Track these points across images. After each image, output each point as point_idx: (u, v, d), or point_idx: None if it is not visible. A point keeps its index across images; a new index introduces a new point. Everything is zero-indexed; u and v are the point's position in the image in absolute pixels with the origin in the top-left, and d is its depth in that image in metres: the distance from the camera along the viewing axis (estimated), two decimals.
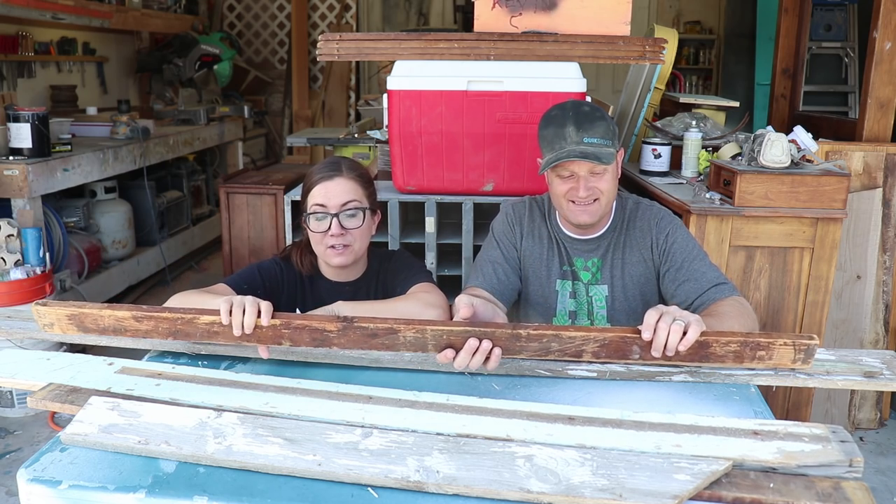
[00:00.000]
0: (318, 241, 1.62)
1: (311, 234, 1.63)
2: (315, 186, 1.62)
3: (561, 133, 1.61)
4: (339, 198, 1.61)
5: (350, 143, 4.08)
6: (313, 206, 1.61)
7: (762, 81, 5.72)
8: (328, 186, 1.61)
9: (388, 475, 0.98)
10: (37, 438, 2.81)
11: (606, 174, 1.63)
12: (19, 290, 2.92)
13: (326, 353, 1.39)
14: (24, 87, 4.76)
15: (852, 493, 0.96)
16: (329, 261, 1.64)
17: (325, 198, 1.60)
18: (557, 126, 1.62)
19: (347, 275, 1.70)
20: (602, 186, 1.63)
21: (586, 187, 1.62)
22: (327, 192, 1.61)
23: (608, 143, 1.60)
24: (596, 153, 1.57)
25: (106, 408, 1.13)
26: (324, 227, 1.60)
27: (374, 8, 7.41)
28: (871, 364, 1.35)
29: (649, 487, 0.94)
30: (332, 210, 1.60)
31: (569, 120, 1.61)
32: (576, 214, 1.66)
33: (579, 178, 1.62)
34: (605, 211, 1.68)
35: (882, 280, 2.80)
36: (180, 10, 6.56)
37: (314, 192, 1.62)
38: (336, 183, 1.61)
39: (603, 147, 1.59)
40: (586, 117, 1.61)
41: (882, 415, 2.94)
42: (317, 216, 1.61)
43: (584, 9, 2.30)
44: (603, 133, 1.60)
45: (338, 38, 2.28)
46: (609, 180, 1.64)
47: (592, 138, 1.58)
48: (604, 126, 1.60)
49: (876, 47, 2.68)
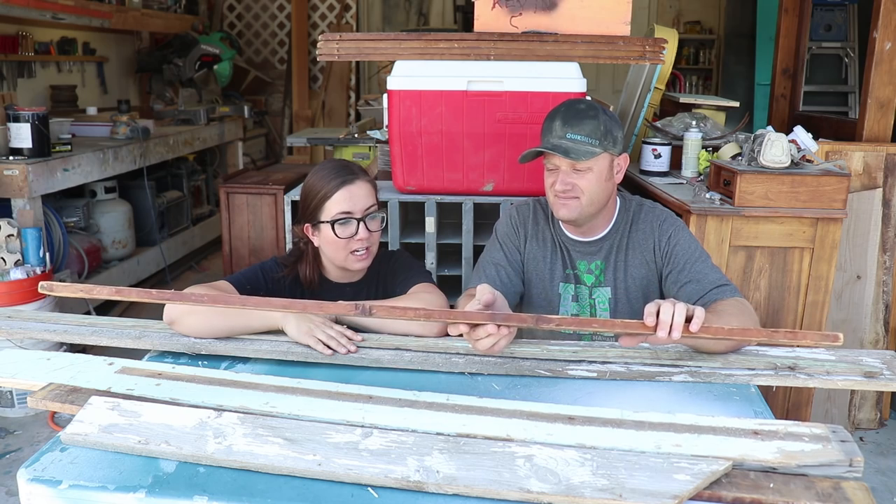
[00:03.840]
0: (343, 246, 1.60)
1: (332, 239, 1.60)
2: (336, 192, 1.59)
3: (549, 126, 1.65)
4: (362, 202, 1.60)
5: (350, 143, 4.08)
6: (338, 213, 1.58)
7: (762, 81, 5.71)
8: (352, 191, 1.59)
9: (388, 475, 0.98)
10: (37, 438, 2.81)
11: (589, 173, 1.62)
12: (19, 290, 2.92)
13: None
14: (24, 87, 4.76)
15: (852, 493, 0.96)
16: (351, 266, 1.63)
17: (351, 203, 1.59)
18: (550, 120, 1.66)
19: (350, 276, 1.70)
20: (582, 185, 1.63)
21: (564, 181, 1.63)
22: (352, 196, 1.59)
23: (592, 143, 1.60)
24: (570, 148, 1.59)
25: (106, 408, 1.13)
26: (350, 233, 1.58)
27: (374, 8, 7.41)
28: (871, 364, 1.35)
29: (649, 487, 0.94)
30: (357, 215, 1.59)
31: (559, 114, 1.64)
32: (555, 207, 1.68)
33: (559, 172, 1.63)
34: (589, 211, 1.67)
35: (882, 280, 2.80)
36: (180, 10, 6.55)
37: (336, 198, 1.59)
38: (358, 187, 1.60)
39: (583, 144, 1.60)
40: (576, 114, 1.62)
41: (882, 415, 2.94)
42: (342, 222, 1.58)
43: (584, 9, 2.29)
44: (589, 132, 1.60)
45: (338, 38, 2.28)
46: (592, 180, 1.63)
47: (576, 135, 1.60)
48: (592, 125, 1.60)
49: (876, 47, 2.68)
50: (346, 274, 1.69)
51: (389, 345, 1.45)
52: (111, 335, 1.48)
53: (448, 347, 1.44)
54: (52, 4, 4.43)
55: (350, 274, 1.69)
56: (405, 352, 1.42)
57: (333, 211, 1.59)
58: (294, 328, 1.43)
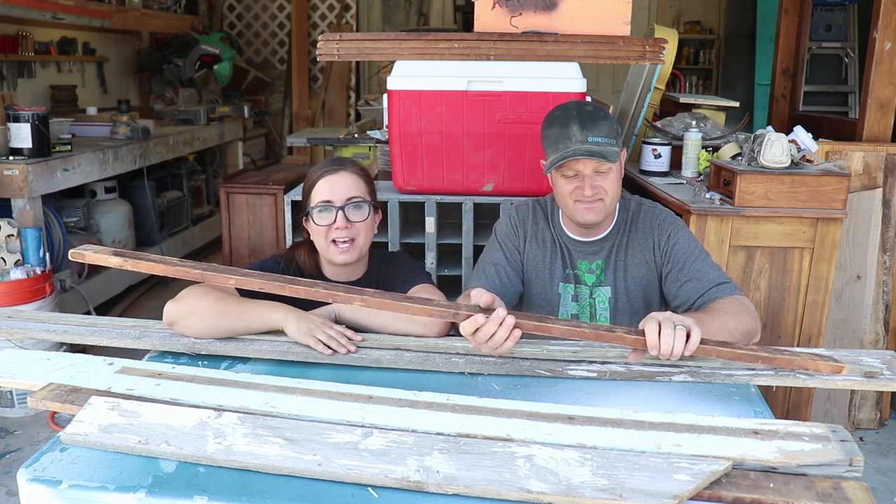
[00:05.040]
0: (323, 235, 1.61)
1: (315, 228, 1.62)
2: (319, 182, 1.62)
3: (566, 133, 1.61)
4: (343, 192, 1.61)
5: (350, 143, 4.08)
6: (318, 202, 1.61)
7: (762, 81, 5.72)
8: (333, 180, 1.62)
9: (388, 475, 0.98)
10: (37, 438, 2.81)
11: (611, 173, 1.63)
12: (19, 290, 2.92)
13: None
14: (24, 87, 4.76)
15: (852, 493, 0.96)
16: (333, 258, 1.63)
17: (330, 192, 1.61)
18: (562, 126, 1.62)
19: (349, 275, 1.70)
20: (606, 185, 1.63)
21: (591, 186, 1.62)
22: (332, 185, 1.61)
23: (612, 143, 1.61)
24: (601, 151, 1.58)
25: (106, 408, 1.13)
26: (328, 220, 1.60)
27: (374, 8, 7.41)
28: (872, 364, 1.35)
29: (649, 487, 0.94)
30: (336, 204, 1.60)
31: (573, 119, 1.61)
32: (581, 213, 1.66)
33: (584, 177, 1.62)
34: (610, 210, 1.69)
35: (882, 280, 2.80)
36: (180, 10, 6.55)
37: (318, 188, 1.62)
38: (340, 177, 1.62)
39: (607, 146, 1.60)
40: (590, 116, 1.62)
41: (882, 415, 2.94)
42: (321, 209, 1.60)
43: (584, 9, 2.29)
44: (607, 132, 1.60)
45: (338, 38, 2.28)
46: (613, 179, 1.64)
47: (597, 137, 1.59)
48: (608, 125, 1.61)
49: (876, 47, 2.68)
50: (343, 272, 1.69)
51: (389, 345, 1.45)
52: (111, 335, 1.48)
53: (448, 347, 1.44)
54: (52, 4, 4.43)
55: (347, 273, 1.69)
56: (405, 352, 1.42)
57: (315, 200, 1.62)
58: (294, 328, 1.43)
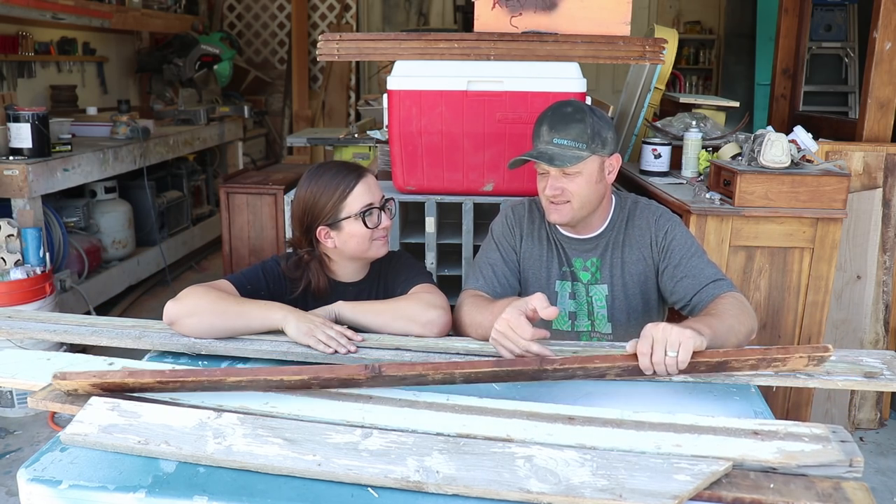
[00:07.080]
0: (369, 237, 1.64)
1: (362, 232, 1.62)
2: (356, 188, 1.62)
3: (538, 131, 1.66)
4: (378, 192, 1.67)
5: (350, 143, 4.08)
6: (364, 205, 1.62)
7: (762, 81, 5.72)
8: (368, 183, 1.65)
9: (387, 475, 0.98)
10: (37, 438, 2.81)
11: (579, 177, 1.63)
12: (19, 289, 2.92)
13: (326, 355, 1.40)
14: (24, 87, 4.76)
15: (852, 493, 0.96)
16: (377, 253, 1.67)
17: (371, 195, 1.64)
18: (538, 124, 1.67)
19: (353, 275, 1.71)
20: (572, 188, 1.63)
21: (553, 186, 1.64)
22: (370, 188, 1.64)
23: (580, 146, 1.61)
24: (556, 154, 1.60)
25: (106, 408, 1.13)
26: (376, 222, 1.64)
27: (374, 8, 7.40)
28: (872, 364, 1.35)
29: (649, 487, 0.94)
30: (377, 204, 1.65)
31: (546, 119, 1.65)
32: (548, 212, 1.70)
33: (549, 177, 1.64)
34: (580, 214, 1.68)
35: (882, 280, 2.80)
36: (180, 10, 6.55)
37: (357, 192, 1.62)
38: (370, 179, 1.66)
39: (570, 149, 1.60)
40: (562, 118, 1.62)
41: (882, 415, 2.94)
42: (369, 213, 1.62)
43: (584, 9, 2.29)
44: (576, 136, 1.60)
45: (338, 38, 2.28)
46: (581, 184, 1.63)
47: (563, 140, 1.61)
48: (578, 129, 1.61)
49: (876, 47, 2.68)
50: (351, 272, 1.71)
51: (389, 345, 1.45)
52: (111, 335, 1.48)
53: (448, 347, 1.44)
54: (52, 4, 4.43)
55: (351, 272, 1.71)
56: (405, 352, 1.42)
57: (357, 204, 1.62)
58: (294, 328, 1.44)
